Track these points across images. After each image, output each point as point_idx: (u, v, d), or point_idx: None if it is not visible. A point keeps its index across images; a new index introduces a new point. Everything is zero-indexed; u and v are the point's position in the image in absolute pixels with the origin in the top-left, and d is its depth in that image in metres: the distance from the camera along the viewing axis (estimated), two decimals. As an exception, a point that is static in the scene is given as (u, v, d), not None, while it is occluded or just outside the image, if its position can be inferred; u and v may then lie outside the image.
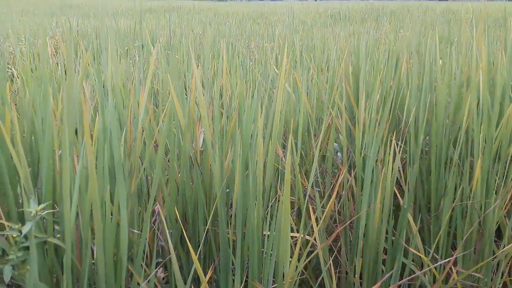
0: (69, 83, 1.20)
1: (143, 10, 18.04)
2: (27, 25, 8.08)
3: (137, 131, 1.44)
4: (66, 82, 1.25)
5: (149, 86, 1.47)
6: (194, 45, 4.82)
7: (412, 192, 1.69)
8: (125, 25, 8.00)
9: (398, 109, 1.95)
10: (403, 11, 13.93)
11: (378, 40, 5.76)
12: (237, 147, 1.52)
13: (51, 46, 4.40)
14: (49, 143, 1.29)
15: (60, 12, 16.69)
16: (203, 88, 2.39)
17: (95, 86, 1.74)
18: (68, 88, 1.19)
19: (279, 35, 7.02)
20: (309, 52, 4.62)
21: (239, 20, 12.17)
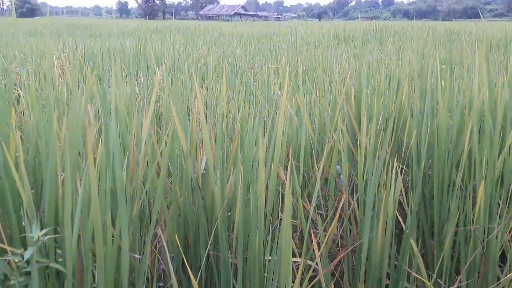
0: (73, 109, 1.22)
1: (149, 31, 18.22)
2: (34, 46, 8.17)
3: (140, 155, 1.45)
4: (70, 106, 1.26)
5: (152, 110, 1.48)
6: (198, 65, 4.86)
7: (415, 216, 1.68)
8: (131, 45, 8.08)
9: (400, 132, 1.96)
10: (406, 32, 14.02)
11: (382, 61, 5.79)
12: (239, 170, 1.52)
13: (58, 67, 4.45)
14: (52, 167, 1.29)
15: (67, 32, 16.88)
16: (206, 110, 2.41)
17: (100, 108, 1.76)
18: (72, 114, 1.21)
19: (282, 57, 7.07)
20: (312, 73, 4.64)
21: (243, 41, 12.27)
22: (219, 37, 14.38)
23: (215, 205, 1.59)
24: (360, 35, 12.63)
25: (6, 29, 19.23)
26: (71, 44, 6.85)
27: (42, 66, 4.82)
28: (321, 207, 1.99)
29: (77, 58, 5.37)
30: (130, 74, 4.94)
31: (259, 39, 13.23)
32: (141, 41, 8.91)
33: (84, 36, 14.50)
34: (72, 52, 6.02)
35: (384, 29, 14.76)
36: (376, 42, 10.99)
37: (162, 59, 5.55)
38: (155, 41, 9.96)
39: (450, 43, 9.55)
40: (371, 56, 6.42)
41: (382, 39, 11.62)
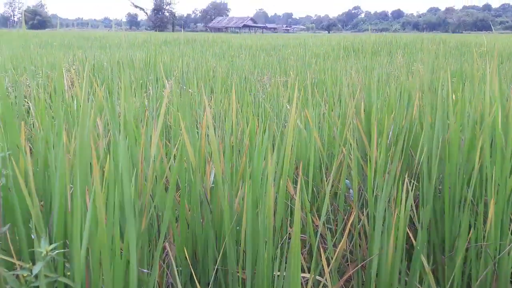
0: (82, 122, 1.22)
1: (159, 43, 18.35)
2: (44, 58, 8.25)
3: (149, 170, 1.45)
4: (79, 120, 1.26)
5: (161, 124, 1.48)
6: (207, 78, 4.88)
7: (425, 232, 1.66)
8: (140, 57, 8.13)
9: (410, 147, 1.94)
10: (416, 44, 14.01)
11: (391, 74, 5.79)
12: (248, 185, 1.51)
13: (68, 79, 4.48)
14: (61, 181, 1.29)
15: (77, 44, 17.03)
16: (215, 123, 2.41)
17: (109, 121, 1.76)
18: (81, 128, 1.21)
19: (291, 69, 7.10)
20: (321, 85, 4.64)
21: (252, 53, 12.31)
22: (228, 49, 14.44)
23: (223, 219, 1.58)
24: (369, 48, 12.64)
25: (17, 41, 19.44)
26: (81, 56, 6.91)
27: (52, 78, 4.86)
28: (330, 221, 1.97)
29: (86, 71, 5.41)
30: (139, 86, 4.96)
31: (268, 51, 13.27)
32: (150, 54, 8.97)
33: (94, 48, 14.63)
34: (82, 65, 6.07)
35: (393, 41, 14.77)
36: (386, 54, 10.99)
37: (171, 71, 5.58)
38: (164, 53, 10.02)
39: (461, 55, 9.53)
40: (381, 69, 6.41)
41: (391, 52, 11.62)
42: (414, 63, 7.24)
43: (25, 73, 4.98)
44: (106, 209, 1.28)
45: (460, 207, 1.81)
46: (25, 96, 4.14)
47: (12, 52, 11.83)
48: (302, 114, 2.14)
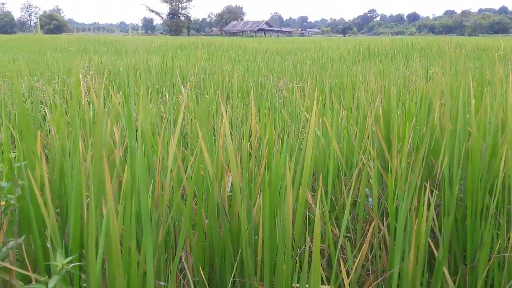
0: (98, 132, 1.20)
1: (174, 47, 18.43)
2: (60, 63, 8.31)
3: (166, 180, 1.43)
4: (95, 129, 1.25)
5: (178, 133, 1.46)
6: (223, 83, 4.86)
7: (447, 244, 1.62)
8: (156, 62, 8.15)
9: (431, 154, 1.90)
10: (433, 48, 13.88)
11: (409, 78, 5.72)
12: (266, 194, 1.49)
13: (84, 85, 4.49)
14: (77, 191, 1.28)
15: (93, 49, 17.18)
16: (231, 129, 2.39)
17: (125, 129, 1.75)
18: (97, 137, 1.19)
19: (307, 73, 7.06)
20: (338, 91, 4.60)
21: (267, 57, 12.30)
22: (243, 53, 14.45)
23: (241, 229, 1.56)
24: (385, 51, 12.55)
25: (34, 45, 19.68)
26: (97, 61, 6.94)
27: (68, 84, 4.89)
28: (349, 230, 1.94)
29: (102, 77, 5.43)
30: (155, 91, 4.97)
31: (283, 55, 13.25)
32: (166, 59, 9.00)
33: (110, 53, 14.74)
34: (98, 70, 6.10)
35: (410, 45, 14.65)
36: (402, 58, 10.90)
37: (188, 76, 5.58)
38: (180, 58, 10.05)
39: (478, 59, 9.42)
40: (398, 73, 6.35)
41: (408, 55, 11.52)
42: (431, 67, 7.16)
43: (41, 78, 5.01)
44: (123, 220, 1.26)
45: (482, 217, 1.77)
46: (41, 102, 4.16)
47: (28, 56, 11.96)
48: (320, 120, 2.11)
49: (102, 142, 1.17)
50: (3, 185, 1.28)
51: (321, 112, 2.34)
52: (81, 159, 1.32)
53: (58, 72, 5.62)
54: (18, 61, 10.18)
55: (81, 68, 5.76)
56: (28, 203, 1.32)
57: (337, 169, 1.99)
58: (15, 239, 1.27)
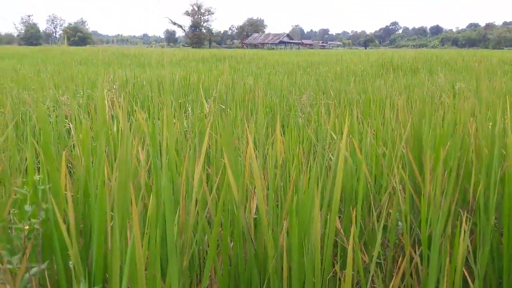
0: (123, 158, 1.17)
1: (196, 60, 18.53)
2: (85, 75, 8.39)
3: (191, 204, 1.39)
4: (119, 154, 1.22)
5: (203, 156, 1.43)
6: (246, 98, 4.83)
7: (483, 276, 1.55)
8: (179, 75, 8.18)
9: (465, 180, 1.83)
10: (457, 61, 13.70)
11: (435, 94, 5.62)
12: (294, 221, 1.44)
13: (108, 100, 4.51)
14: (100, 218, 1.25)
15: (116, 61, 17.35)
16: (256, 149, 2.34)
17: (150, 147, 1.71)
18: (121, 164, 1.16)
19: (329, 87, 7.00)
20: (364, 106, 4.53)
21: (289, 70, 12.26)
22: (265, 66, 14.44)
23: (268, 255, 1.51)
24: (408, 65, 12.42)
25: (59, 57, 19.97)
26: (121, 75, 6.98)
27: (92, 97, 4.91)
28: (379, 256, 1.87)
29: (126, 91, 5.45)
30: (178, 105, 4.96)
31: (305, 69, 13.20)
32: (188, 72, 9.03)
33: (133, 65, 14.87)
34: (122, 84, 6.13)
35: (434, 58, 14.48)
36: (426, 72, 10.76)
37: (210, 91, 5.57)
38: (202, 72, 10.08)
39: (504, 74, 9.25)
40: (423, 88, 6.25)
41: (432, 69, 11.38)
42: (457, 82, 7.04)
43: (66, 92, 5.05)
44: (148, 246, 1.22)
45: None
46: (66, 116, 4.17)
47: (53, 68, 12.13)
48: (347, 140, 2.06)
49: (128, 169, 1.13)
50: (27, 209, 1.25)
51: (348, 131, 2.28)
52: (106, 181, 1.29)
53: (83, 86, 5.66)
54: (43, 73, 10.32)
55: (105, 81, 5.79)
56: (52, 227, 1.29)
57: (367, 193, 1.93)
58: (38, 265, 1.24)
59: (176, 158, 1.85)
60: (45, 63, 15.49)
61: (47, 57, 20.58)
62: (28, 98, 5.01)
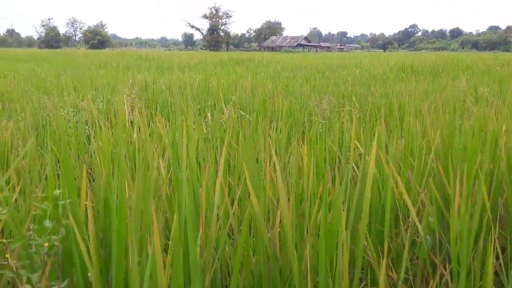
0: (142, 178, 1.13)
1: (214, 63, 18.55)
2: (104, 79, 8.43)
3: (212, 217, 1.35)
4: (138, 173, 1.18)
5: (223, 169, 1.38)
6: (266, 103, 4.79)
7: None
8: (198, 79, 8.17)
9: (497, 194, 1.76)
10: (479, 65, 13.48)
11: (457, 99, 5.52)
12: (322, 241, 1.38)
13: (127, 105, 4.50)
14: (120, 240, 1.21)
15: (135, 64, 17.45)
16: (278, 161, 2.29)
17: (170, 159, 1.68)
18: (140, 181, 1.12)
19: (348, 90, 6.92)
20: (387, 112, 4.46)
21: (307, 74, 12.19)
22: (283, 70, 14.38)
23: (292, 272, 1.46)
24: (429, 69, 12.26)
25: (78, 61, 20.16)
26: (140, 80, 6.99)
27: (112, 102, 4.91)
28: (406, 271, 1.80)
29: (146, 98, 5.44)
30: (197, 111, 4.94)
31: (323, 72, 13.12)
32: (207, 77, 9.02)
33: (151, 68, 14.93)
34: (142, 88, 6.13)
35: (455, 62, 14.28)
36: (447, 76, 10.61)
37: (229, 95, 5.53)
38: (221, 76, 10.06)
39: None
40: (445, 93, 6.15)
41: (453, 73, 11.21)
42: (479, 87, 6.90)
43: (85, 97, 5.05)
44: (171, 263, 1.18)
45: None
46: (86, 122, 4.17)
47: (73, 72, 12.23)
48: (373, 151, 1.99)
49: (148, 188, 1.09)
50: (47, 225, 1.22)
51: (369, 138, 2.23)
52: (126, 194, 1.26)
53: (102, 91, 5.67)
54: (63, 76, 10.40)
55: (125, 87, 5.80)
56: (72, 244, 1.26)
57: (394, 208, 1.87)
58: (58, 283, 1.21)
59: (197, 168, 1.82)
60: (65, 66, 15.64)
61: (66, 60, 20.80)
62: (48, 103, 5.03)
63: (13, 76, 10.46)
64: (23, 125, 3.85)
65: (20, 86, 7.57)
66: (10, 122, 3.90)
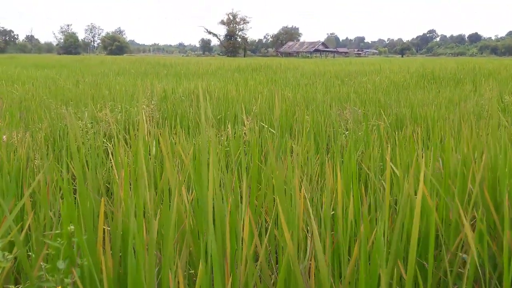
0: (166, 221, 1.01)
1: (232, 70, 18.48)
2: (123, 87, 8.37)
3: (241, 259, 1.22)
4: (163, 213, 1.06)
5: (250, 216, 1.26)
6: (287, 113, 4.66)
7: None
8: (216, 87, 8.07)
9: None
10: (501, 71, 13.19)
11: (483, 109, 5.34)
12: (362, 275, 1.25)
13: (147, 117, 4.41)
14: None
15: (153, 71, 17.44)
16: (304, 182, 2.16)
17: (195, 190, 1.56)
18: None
19: (369, 99, 6.77)
20: (418, 125, 4.31)
21: (326, 81, 12.03)
22: (301, 77, 14.23)
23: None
24: (451, 76, 12.01)
25: (97, 68, 20.24)
26: (159, 90, 6.91)
27: (130, 112, 4.82)
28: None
29: (164, 109, 5.34)
30: (217, 121, 4.83)
31: (342, 79, 12.94)
32: (226, 84, 8.92)
33: (169, 75, 14.89)
34: (161, 99, 6.04)
35: (476, 68, 13.99)
36: (469, 83, 10.37)
37: (249, 105, 5.41)
38: (239, 83, 9.95)
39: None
40: (470, 102, 5.96)
41: (475, 80, 10.96)
42: (504, 96, 6.69)
43: (104, 107, 4.97)
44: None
45: None
46: (104, 133, 4.09)
47: (92, 79, 12.23)
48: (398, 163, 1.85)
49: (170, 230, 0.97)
50: (60, 267, 1.11)
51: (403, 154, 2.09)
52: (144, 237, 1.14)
53: (121, 100, 5.60)
54: (82, 84, 10.39)
55: (143, 97, 5.71)
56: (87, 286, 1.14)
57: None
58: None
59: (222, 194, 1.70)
60: (84, 73, 15.68)
61: (85, 67, 20.89)
62: (66, 113, 4.96)
63: (32, 83, 10.46)
64: (40, 137, 3.77)
65: (38, 94, 7.53)
66: (27, 134, 3.83)
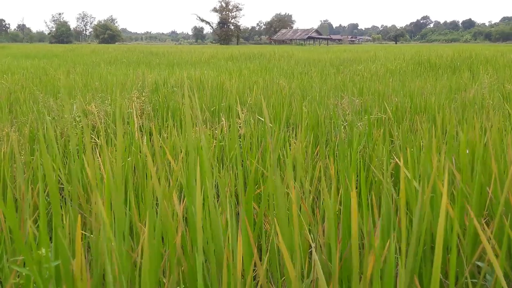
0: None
1: (225, 58, 18.25)
2: (114, 78, 8.17)
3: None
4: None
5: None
6: (283, 106, 4.50)
7: None
8: (209, 77, 7.89)
9: None
10: (497, 58, 13.03)
11: (484, 98, 5.18)
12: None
13: (138, 109, 4.24)
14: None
15: (145, 60, 17.18)
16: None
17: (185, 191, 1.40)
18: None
19: (366, 88, 6.60)
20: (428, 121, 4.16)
21: (320, 69, 11.85)
22: (296, 65, 14.04)
23: None
24: (447, 63, 11.85)
25: (88, 57, 19.94)
26: (150, 81, 6.72)
27: (121, 103, 4.64)
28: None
29: (156, 101, 5.16)
30: (211, 113, 4.66)
31: (337, 67, 12.76)
32: (219, 73, 8.75)
33: (162, 65, 14.65)
34: (152, 90, 5.85)
35: (473, 55, 13.82)
36: (466, 70, 10.22)
37: (244, 97, 5.24)
38: (233, 72, 9.76)
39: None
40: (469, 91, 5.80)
41: (472, 67, 10.81)
42: (505, 84, 6.54)
43: (93, 100, 4.79)
44: None
45: None
46: (93, 127, 3.91)
47: (83, 68, 12.00)
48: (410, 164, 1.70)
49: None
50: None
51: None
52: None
53: (111, 91, 5.41)
54: (73, 74, 10.16)
55: (134, 89, 5.53)
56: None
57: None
58: None
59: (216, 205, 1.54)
60: (75, 63, 15.40)
61: (77, 56, 20.57)
62: (55, 105, 4.78)
63: (22, 74, 10.22)
64: (26, 131, 3.60)
65: (28, 85, 7.33)
66: (12, 129, 3.65)
